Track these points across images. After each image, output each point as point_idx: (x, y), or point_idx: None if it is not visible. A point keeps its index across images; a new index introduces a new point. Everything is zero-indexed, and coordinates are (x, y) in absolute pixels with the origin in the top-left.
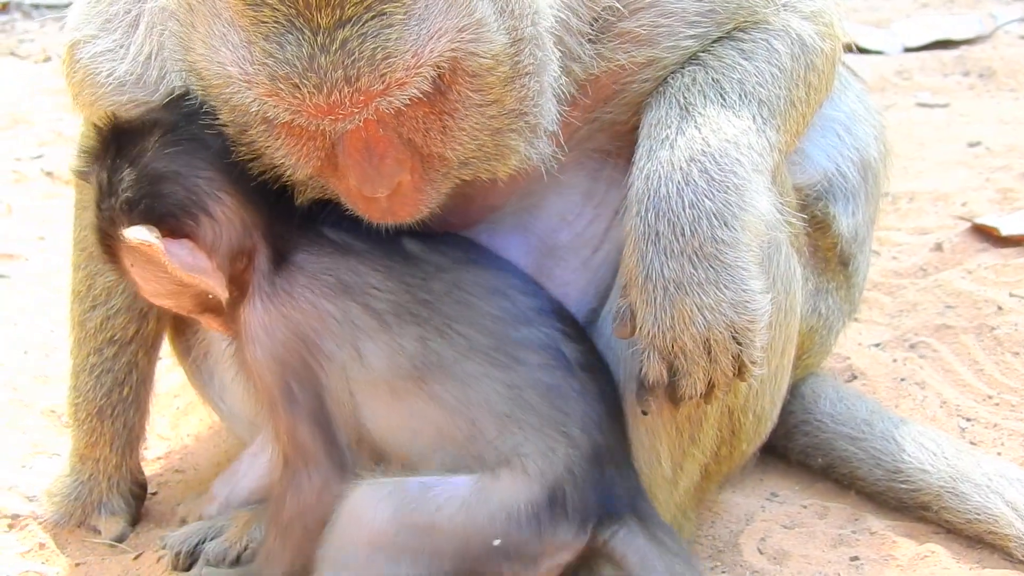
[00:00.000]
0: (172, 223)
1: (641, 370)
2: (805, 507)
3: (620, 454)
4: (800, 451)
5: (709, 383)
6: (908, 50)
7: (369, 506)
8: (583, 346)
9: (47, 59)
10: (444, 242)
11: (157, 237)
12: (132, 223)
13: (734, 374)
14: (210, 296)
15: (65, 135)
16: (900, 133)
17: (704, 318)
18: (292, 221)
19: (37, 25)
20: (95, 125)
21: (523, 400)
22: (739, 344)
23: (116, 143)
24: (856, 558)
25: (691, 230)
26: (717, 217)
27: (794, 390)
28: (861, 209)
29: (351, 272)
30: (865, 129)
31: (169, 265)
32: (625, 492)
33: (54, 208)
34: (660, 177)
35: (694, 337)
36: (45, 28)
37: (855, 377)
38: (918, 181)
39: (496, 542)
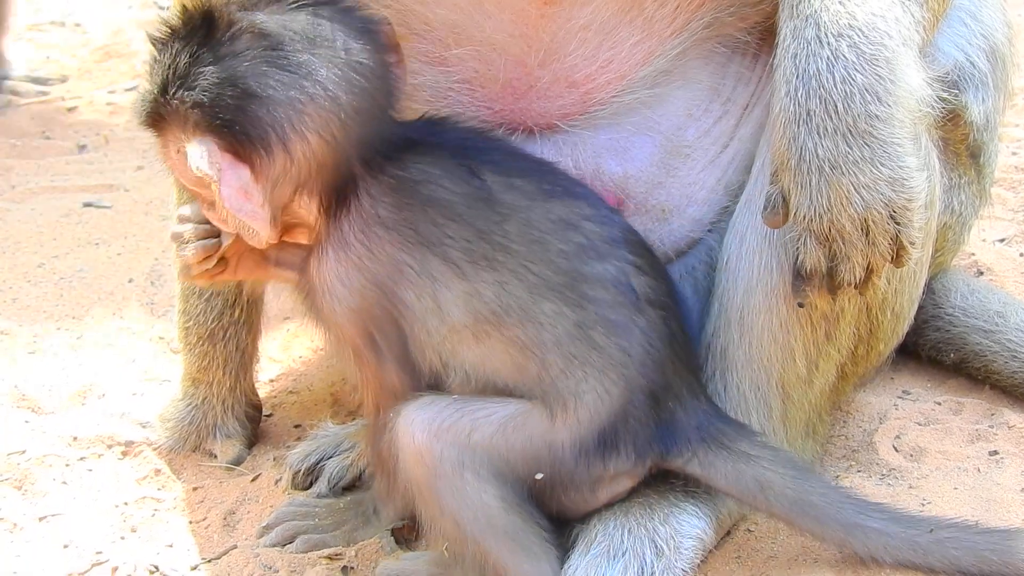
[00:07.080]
0: (241, 147)
1: (797, 259)
2: (939, 404)
3: (685, 389)
4: (931, 347)
5: (867, 268)
6: None
7: (405, 430)
8: (653, 278)
9: None
10: (519, 174)
11: (219, 169)
12: (198, 132)
13: (892, 257)
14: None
15: None
16: None
17: (861, 197)
18: (376, 167)
19: None
20: (183, 4)
21: (590, 340)
22: (897, 224)
23: (207, 29)
24: (995, 452)
25: (844, 106)
26: (869, 92)
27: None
28: (991, 96)
29: (431, 224)
30: (990, 13)
31: (216, 196)
32: (691, 426)
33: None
34: (808, 55)
35: (852, 218)
36: None
37: (981, 273)
38: None
39: (539, 476)
